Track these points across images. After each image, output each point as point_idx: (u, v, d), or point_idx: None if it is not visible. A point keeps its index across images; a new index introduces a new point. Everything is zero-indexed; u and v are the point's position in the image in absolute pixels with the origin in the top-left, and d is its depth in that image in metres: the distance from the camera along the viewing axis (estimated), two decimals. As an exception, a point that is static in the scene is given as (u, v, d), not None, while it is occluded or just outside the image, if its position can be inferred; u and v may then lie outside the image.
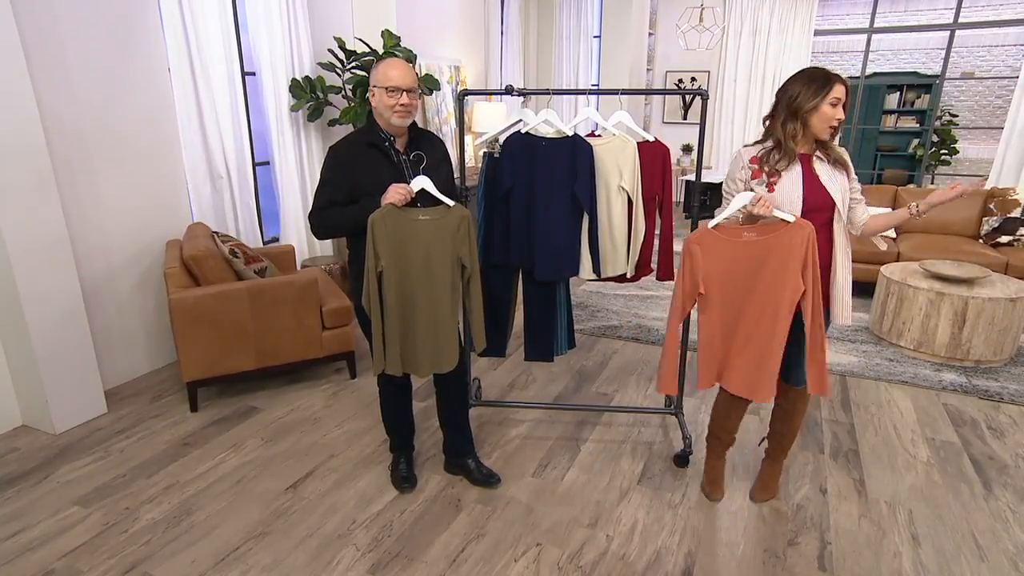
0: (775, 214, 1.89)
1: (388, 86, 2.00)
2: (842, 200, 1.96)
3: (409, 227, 2.04)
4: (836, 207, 1.96)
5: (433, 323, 2.14)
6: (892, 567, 2.01)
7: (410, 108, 2.07)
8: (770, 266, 1.91)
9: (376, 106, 2.04)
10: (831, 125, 1.90)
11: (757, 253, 1.93)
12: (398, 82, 2.02)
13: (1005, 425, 2.89)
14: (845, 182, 1.98)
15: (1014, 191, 4.39)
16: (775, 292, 1.91)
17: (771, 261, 1.91)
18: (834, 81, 1.89)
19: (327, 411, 2.98)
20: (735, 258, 1.96)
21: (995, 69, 8.44)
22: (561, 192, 2.41)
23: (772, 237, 1.90)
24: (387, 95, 2.01)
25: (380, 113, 2.04)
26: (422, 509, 2.28)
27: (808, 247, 1.87)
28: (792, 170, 1.99)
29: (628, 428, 2.84)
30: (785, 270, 1.88)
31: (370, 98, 2.06)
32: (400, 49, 4.06)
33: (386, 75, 2.00)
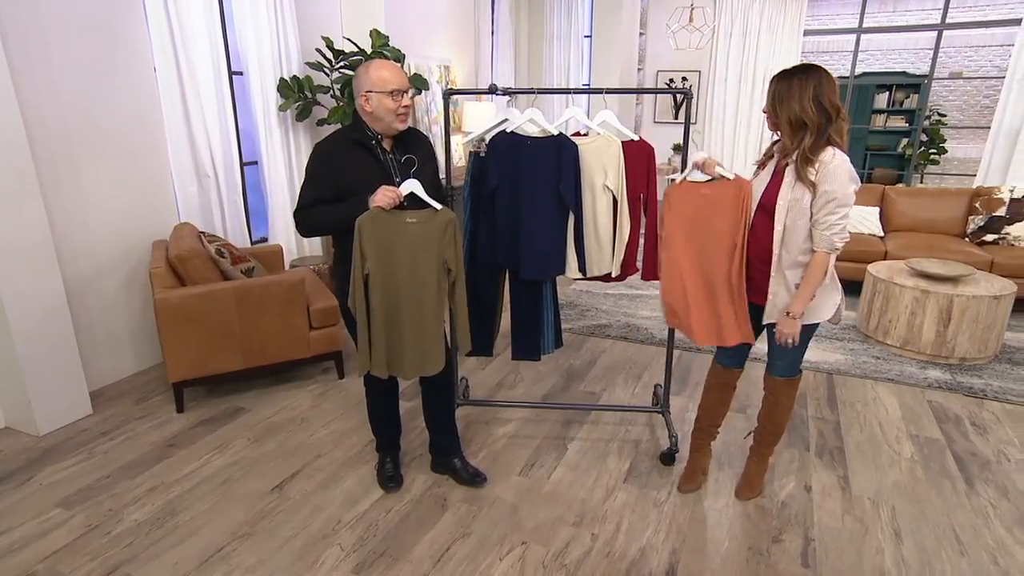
0: (717, 171, 2.10)
1: (391, 89, 1.98)
2: (784, 208, 1.95)
3: (396, 230, 2.04)
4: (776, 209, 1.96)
5: (418, 326, 2.14)
6: (874, 563, 2.03)
7: (409, 109, 2.08)
8: (717, 217, 2.12)
9: (374, 110, 2.00)
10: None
11: (709, 205, 2.14)
12: (398, 84, 2.00)
13: (988, 422, 2.92)
14: (804, 197, 1.92)
15: (999, 190, 4.42)
16: (722, 240, 2.12)
17: (718, 213, 2.12)
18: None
19: (314, 411, 2.98)
20: (696, 208, 2.16)
21: (983, 69, 8.50)
22: (546, 191, 2.42)
23: (718, 191, 2.12)
24: (391, 99, 1.99)
25: (379, 117, 2.01)
26: (408, 509, 2.28)
27: (743, 202, 2.07)
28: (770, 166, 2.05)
29: (615, 427, 2.84)
30: (726, 221, 2.10)
31: (362, 103, 2.01)
32: (388, 49, 4.05)
33: (383, 78, 1.98)
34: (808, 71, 1.91)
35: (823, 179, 1.89)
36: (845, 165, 1.90)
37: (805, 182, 1.91)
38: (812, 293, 1.98)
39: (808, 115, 1.88)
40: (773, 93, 1.95)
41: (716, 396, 2.37)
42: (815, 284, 1.97)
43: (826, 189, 1.89)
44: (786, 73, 1.94)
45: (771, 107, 1.97)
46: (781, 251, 2.01)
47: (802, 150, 1.91)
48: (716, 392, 2.36)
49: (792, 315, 1.99)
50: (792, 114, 1.90)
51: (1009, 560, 2.04)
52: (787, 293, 2.03)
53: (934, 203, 4.82)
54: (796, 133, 1.92)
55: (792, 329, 2.01)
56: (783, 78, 1.94)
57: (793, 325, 2.01)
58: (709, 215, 2.13)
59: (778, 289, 2.04)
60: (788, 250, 2.00)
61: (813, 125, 1.88)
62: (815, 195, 1.91)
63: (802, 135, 1.91)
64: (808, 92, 1.88)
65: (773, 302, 2.06)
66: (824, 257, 1.95)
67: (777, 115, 1.95)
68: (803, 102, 1.88)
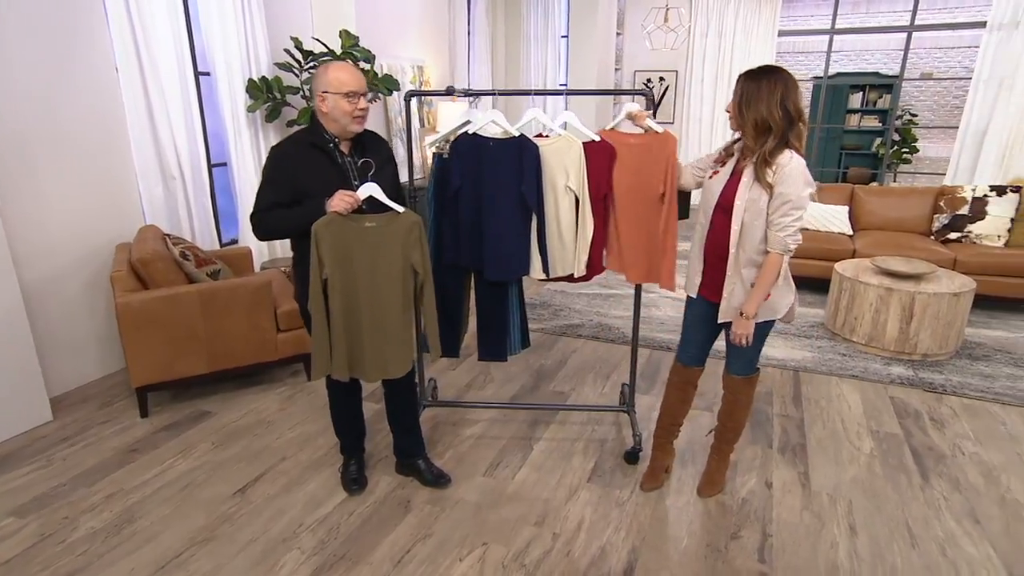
0: (646, 123, 2.28)
1: (347, 91, 1.98)
2: (742, 208, 1.97)
3: (355, 235, 2.04)
4: (734, 209, 1.98)
5: (381, 330, 2.14)
6: (828, 558, 2.06)
7: (366, 112, 2.07)
8: (644, 168, 2.31)
9: (329, 112, 2.00)
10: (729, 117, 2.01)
11: (638, 155, 2.32)
12: (355, 86, 2.00)
13: (946, 416, 2.98)
14: (761, 198, 1.94)
15: (961, 189, 4.51)
16: (649, 190, 2.32)
17: (644, 164, 2.31)
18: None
19: (281, 414, 2.96)
20: (622, 157, 2.35)
21: (952, 70, 8.67)
22: (509, 193, 2.42)
23: (645, 142, 2.30)
24: (347, 101, 1.98)
25: (335, 119, 2.01)
26: (370, 511, 2.28)
27: (670, 156, 2.25)
28: (728, 165, 2.07)
29: (582, 426, 2.86)
30: (652, 172, 2.30)
31: (319, 104, 2.01)
32: (358, 49, 4.04)
33: (340, 80, 1.98)
34: (775, 74, 1.92)
35: (780, 181, 1.91)
36: (801, 168, 1.93)
37: (763, 183, 1.93)
38: (766, 293, 2.01)
39: (774, 119, 1.90)
40: (741, 94, 1.94)
41: (677, 395, 2.39)
42: (768, 284, 2.00)
43: (782, 191, 1.91)
44: (753, 74, 1.94)
45: (737, 107, 1.96)
46: (738, 250, 2.03)
47: (762, 152, 1.93)
48: (677, 391, 2.39)
49: (745, 315, 2.02)
50: (759, 116, 1.91)
51: (957, 551, 2.08)
52: (743, 292, 2.05)
53: (901, 202, 4.91)
54: (760, 135, 1.93)
55: (746, 329, 2.04)
56: (751, 79, 1.93)
57: (747, 325, 2.03)
58: (636, 165, 2.33)
59: (734, 288, 2.07)
60: (744, 249, 2.02)
61: (778, 129, 1.91)
62: (771, 196, 1.94)
63: (765, 138, 1.92)
64: (776, 96, 1.89)
65: (729, 301, 2.08)
66: (778, 258, 1.98)
67: (743, 116, 1.94)
68: (771, 106, 1.89)
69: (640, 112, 2.27)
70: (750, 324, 2.03)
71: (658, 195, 2.32)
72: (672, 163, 2.27)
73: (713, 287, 2.14)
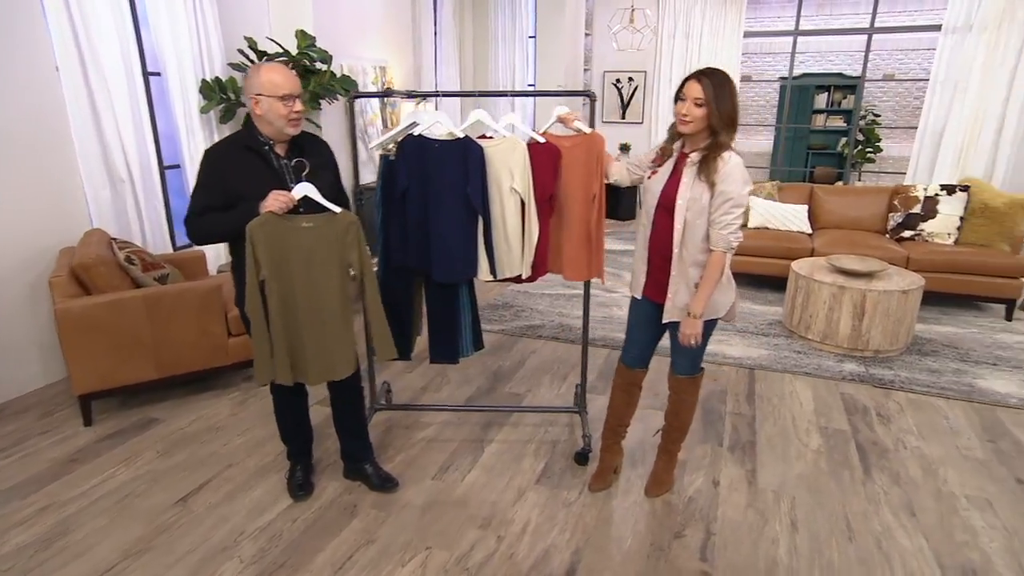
0: (576, 125, 2.36)
1: (282, 94, 1.96)
2: (684, 207, 1.98)
3: (290, 235, 2.01)
4: (676, 209, 2.00)
5: (321, 331, 2.12)
6: (768, 554, 2.09)
7: (302, 115, 2.05)
8: (576, 168, 2.37)
9: (264, 114, 1.98)
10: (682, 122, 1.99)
11: (571, 156, 2.37)
12: (290, 88, 1.98)
13: (893, 411, 3.04)
14: (703, 196, 1.96)
15: (914, 188, 4.61)
16: (585, 187, 2.38)
17: (578, 163, 2.35)
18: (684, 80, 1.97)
19: (232, 420, 2.91)
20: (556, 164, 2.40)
21: (913, 71, 8.86)
22: (454, 194, 2.41)
23: (576, 143, 2.36)
24: (282, 104, 1.96)
25: (270, 122, 1.99)
26: (315, 517, 2.25)
27: (599, 155, 2.33)
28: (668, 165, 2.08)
29: (535, 428, 2.86)
30: (583, 172, 2.35)
31: (252, 106, 1.98)
32: (315, 50, 3.99)
33: (274, 82, 1.96)
34: (727, 75, 1.96)
35: (721, 179, 1.93)
36: (740, 167, 1.96)
37: (707, 182, 1.95)
38: (711, 292, 2.02)
39: (735, 116, 1.94)
40: (713, 95, 1.91)
41: (623, 396, 2.41)
42: (714, 283, 2.01)
43: (724, 189, 1.93)
44: (713, 73, 1.94)
45: (713, 106, 1.91)
46: (681, 250, 2.04)
47: (709, 150, 1.95)
48: (623, 392, 2.40)
49: (693, 314, 2.03)
50: (726, 113, 1.92)
51: (891, 544, 2.12)
52: (687, 292, 2.07)
53: (858, 201, 5.00)
54: (724, 131, 1.94)
55: (694, 329, 2.05)
56: (714, 77, 1.92)
57: (695, 324, 2.05)
58: (569, 167, 2.38)
59: (678, 288, 2.08)
60: (687, 248, 2.03)
61: (734, 126, 1.95)
62: (713, 195, 1.95)
63: (721, 134, 1.94)
64: (734, 96, 1.94)
65: (673, 301, 2.10)
66: (721, 256, 2.00)
67: (719, 113, 1.91)
68: (734, 103, 1.94)
69: (569, 115, 2.34)
70: (698, 323, 2.05)
71: (592, 194, 2.36)
72: (601, 162, 2.34)
73: (658, 288, 2.15)
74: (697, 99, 1.91)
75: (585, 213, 2.40)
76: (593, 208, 2.38)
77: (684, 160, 2.04)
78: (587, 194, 2.37)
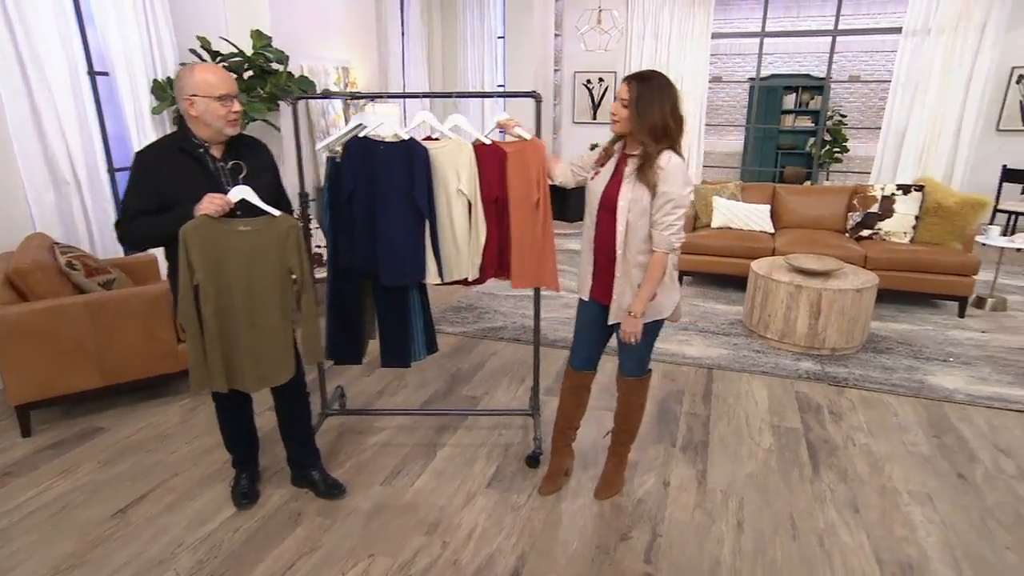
0: (516, 131, 2.35)
1: (219, 94, 1.92)
2: (626, 208, 1.98)
3: (227, 239, 1.97)
4: (618, 210, 2.00)
5: (259, 336, 2.08)
6: (712, 554, 2.09)
7: (240, 115, 2.01)
8: (520, 173, 2.36)
9: (200, 116, 1.94)
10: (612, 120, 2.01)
11: (512, 162, 2.36)
12: (227, 89, 1.95)
13: (845, 409, 3.08)
14: (643, 197, 1.96)
15: (872, 188, 4.68)
16: (527, 194, 2.36)
17: (520, 169, 2.36)
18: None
19: (180, 427, 2.85)
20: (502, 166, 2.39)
21: (877, 73, 9.02)
22: (400, 197, 2.39)
23: (517, 149, 2.36)
24: (219, 104, 1.93)
25: (207, 123, 1.95)
26: (258, 526, 2.21)
27: (541, 162, 2.33)
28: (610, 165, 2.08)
29: (489, 431, 2.84)
30: (526, 178, 2.35)
31: (187, 107, 1.94)
32: (271, 50, 3.93)
33: (209, 83, 1.92)
34: (665, 81, 1.94)
35: (662, 180, 1.93)
36: (681, 168, 1.95)
37: (647, 184, 1.94)
38: (652, 292, 2.02)
39: (668, 125, 1.93)
40: (637, 97, 1.92)
41: (572, 399, 2.40)
42: (655, 283, 2.01)
43: (664, 191, 1.93)
44: (645, 78, 1.94)
45: (633, 111, 1.93)
46: (625, 251, 2.04)
47: (647, 154, 1.94)
48: (571, 395, 2.39)
49: (633, 314, 2.03)
50: (654, 122, 1.92)
51: (833, 541, 2.14)
52: (631, 293, 2.06)
53: (819, 201, 5.07)
54: (653, 139, 1.93)
55: (635, 328, 2.05)
56: (643, 83, 1.92)
57: (635, 324, 2.05)
58: (511, 172, 2.37)
59: (623, 290, 2.08)
60: (630, 250, 2.03)
61: (671, 134, 1.94)
62: (654, 196, 1.95)
63: (657, 141, 1.94)
64: (667, 104, 1.92)
65: (618, 302, 2.09)
66: (663, 257, 2.00)
67: (640, 120, 1.92)
68: (664, 112, 1.92)
69: (508, 120, 2.35)
70: (638, 322, 2.05)
71: (534, 201, 2.34)
72: (543, 170, 2.33)
73: (604, 289, 2.15)
74: (623, 100, 1.92)
75: (528, 220, 2.38)
76: (537, 215, 2.35)
77: (625, 161, 2.04)
78: (530, 201, 2.35)
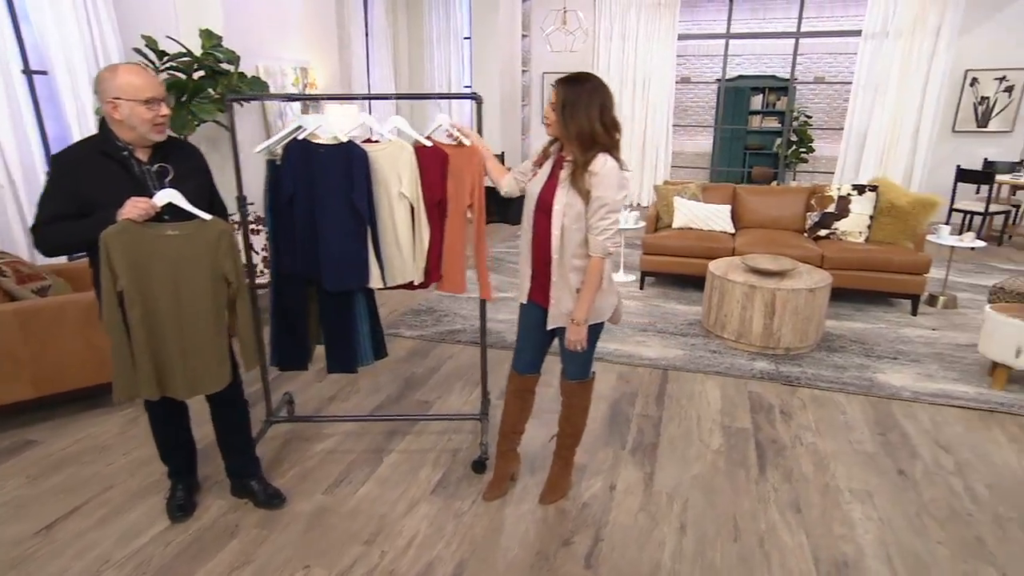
0: (455, 134, 2.36)
1: (146, 98, 1.86)
2: (561, 212, 1.96)
3: (153, 244, 1.91)
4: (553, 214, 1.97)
5: (190, 343, 2.02)
6: (653, 558, 2.09)
7: (167, 119, 1.96)
8: (456, 178, 2.35)
9: (125, 119, 1.87)
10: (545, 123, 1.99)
11: (453, 165, 2.35)
12: (153, 92, 1.89)
13: (795, 408, 3.10)
14: (578, 202, 1.94)
15: (829, 188, 4.74)
16: (461, 199, 2.37)
17: (457, 173, 2.34)
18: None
19: (120, 438, 2.77)
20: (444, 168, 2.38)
21: (841, 75, 9.17)
22: (340, 200, 2.34)
23: (456, 153, 2.34)
24: (145, 108, 1.87)
25: (132, 127, 1.89)
26: (191, 539, 2.15)
27: (476, 170, 2.34)
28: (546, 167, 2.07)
29: (438, 436, 2.81)
30: (462, 184, 2.35)
31: (109, 110, 1.87)
32: (221, 50, 3.85)
33: (134, 85, 1.86)
34: (595, 86, 1.91)
35: (595, 185, 1.91)
36: (615, 172, 1.93)
37: (580, 191, 1.92)
38: (592, 298, 2.01)
39: (596, 131, 1.90)
40: (563, 102, 1.91)
41: (516, 402, 2.37)
42: (594, 289, 2.00)
43: (598, 195, 1.91)
44: (572, 81, 1.92)
45: (559, 115, 1.92)
46: (561, 255, 2.02)
47: (579, 159, 1.93)
48: (516, 398, 2.37)
49: (576, 322, 2.02)
50: (581, 129, 1.89)
51: (773, 542, 2.15)
52: (570, 297, 2.04)
53: (779, 201, 5.12)
54: (581, 146, 1.92)
55: (579, 335, 2.03)
56: (570, 86, 1.91)
57: (579, 331, 2.03)
58: (449, 175, 2.37)
59: (561, 295, 2.06)
60: (566, 254, 2.01)
61: (600, 140, 1.91)
62: (588, 201, 1.93)
63: (585, 148, 1.92)
64: (595, 109, 1.89)
65: (557, 307, 2.07)
66: (599, 262, 1.98)
67: (566, 125, 1.91)
68: (591, 119, 1.89)
69: (456, 125, 2.35)
70: (582, 330, 2.03)
71: (466, 207, 2.33)
72: (479, 178, 2.32)
73: (543, 293, 2.12)
74: (552, 103, 1.90)
75: (461, 225, 2.37)
76: (472, 221, 2.34)
77: (561, 163, 2.02)
78: (463, 206, 2.34)
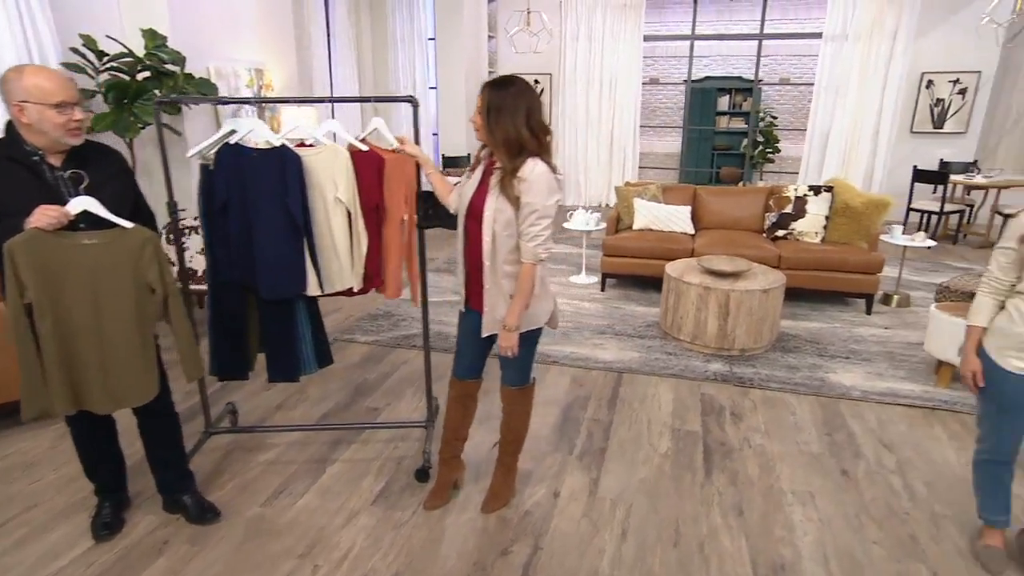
0: (390, 139, 2.38)
1: (56, 102, 1.77)
2: (491, 218, 1.93)
3: (67, 253, 1.84)
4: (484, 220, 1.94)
5: (110, 355, 1.94)
6: (592, 566, 2.06)
7: (83, 124, 1.87)
8: (392, 184, 2.36)
9: (34, 124, 1.79)
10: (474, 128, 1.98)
11: (388, 170, 2.35)
12: (65, 96, 1.80)
13: (746, 409, 3.11)
14: (507, 208, 1.91)
15: (787, 189, 4.79)
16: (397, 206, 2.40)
17: (392, 180, 2.36)
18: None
19: (51, 453, 2.67)
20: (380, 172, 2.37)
21: (806, 76, 9.31)
22: (275, 206, 2.28)
23: (394, 159, 2.37)
24: (56, 112, 1.78)
25: (43, 131, 1.80)
26: (115, 559, 2.07)
27: (410, 179, 2.40)
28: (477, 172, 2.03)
29: (384, 444, 2.76)
30: (399, 192, 2.38)
31: (16, 114, 1.79)
32: (166, 50, 3.75)
33: (43, 89, 1.77)
34: (520, 89, 1.88)
35: (524, 191, 1.88)
36: (545, 177, 1.90)
37: (509, 198, 1.89)
38: (524, 305, 1.98)
39: (523, 136, 1.87)
40: (488, 107, 1.88)
41: (458, 408, 2.33)
42: (526, 296, 1.97)
43: (528, 201, 1.88)
44: (497, 86, 1.88)
45: (484, 121, 1.89)
46: (492, 262, 1.98)
47: (507, 166, 1.90)
48: (458, 404, 2.33)
49: (507, 327, 1.98)
50: (507, 135, 1.86)
51: (713, 546, 2.14)
52: (503, 304, 2.01)
53: (738, 202, 5.15)
54: (508, 152, 1.88)
55: (510, 342, 2.00)
56: (495, 91, 1.87)
57: (510, 338, 2.00)
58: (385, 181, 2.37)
59: (495, 301, 2.02)
60: (497, 260, 1.98)
61: (528, 145, 1.88)
62: (519, 207, 1.90)
63: (513, 154, 1.88)
64: (521, 116, 1.86)
65: (491, 314, 2.04)
66: (531, 268, 1.95)
67: (492, 131, 1.88)
68: (517, 124, 1.86)
69: (404, 140, 2.32)
70: (514, 336, 2.00)
71: (402, 214, 2.30)
72: (413, 188, 2.35)
73: (478, 299, 2.09)
74: (479, 107, 1.87)
75: (398, 230, 2.36)
76: (403, 231, 2.32)
77: (491, 169, 1.99)
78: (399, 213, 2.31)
